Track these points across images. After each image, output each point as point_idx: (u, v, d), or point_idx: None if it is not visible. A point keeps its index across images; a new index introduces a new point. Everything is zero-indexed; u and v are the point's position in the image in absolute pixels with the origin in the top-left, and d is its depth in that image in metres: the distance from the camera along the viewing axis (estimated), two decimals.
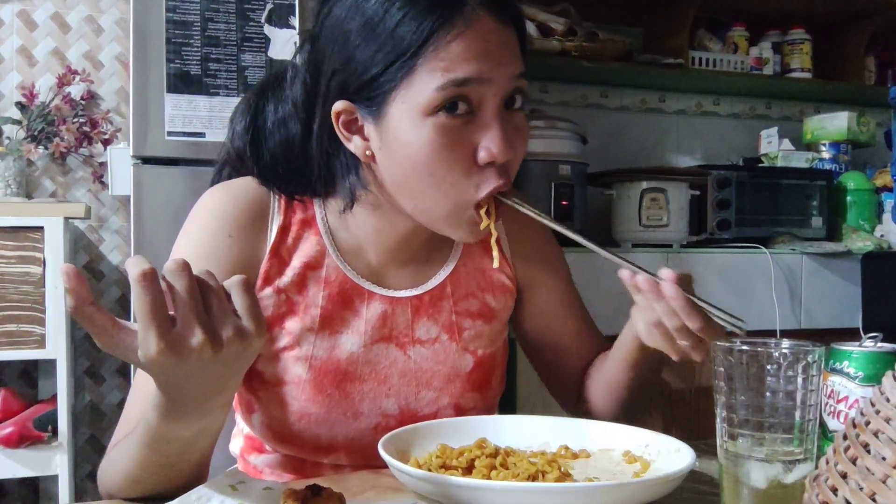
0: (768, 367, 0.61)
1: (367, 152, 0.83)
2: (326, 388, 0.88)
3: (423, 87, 0.76)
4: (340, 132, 0.83)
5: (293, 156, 0.90)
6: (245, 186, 0.91)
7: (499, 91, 0.78)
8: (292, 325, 0.89)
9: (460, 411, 0.94)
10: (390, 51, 0.77)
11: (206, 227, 0.88)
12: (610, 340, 0.96)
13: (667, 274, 0.76)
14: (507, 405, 2.00)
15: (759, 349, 0.62)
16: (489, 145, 0.78)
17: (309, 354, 0.88)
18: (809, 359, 0.61)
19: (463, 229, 0.84)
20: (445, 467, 0.74)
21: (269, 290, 0.88)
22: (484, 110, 0.79)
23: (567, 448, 0.82)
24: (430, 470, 0.71)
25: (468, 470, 0.74)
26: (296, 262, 0.89)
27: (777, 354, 0.61)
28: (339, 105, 0.82)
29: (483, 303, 0.97)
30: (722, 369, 0.63)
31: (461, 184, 0.79)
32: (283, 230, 0.90)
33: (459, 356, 0.94)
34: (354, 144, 0.84)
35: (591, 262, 2.12)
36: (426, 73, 0.76)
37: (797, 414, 0.61)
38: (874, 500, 0.44)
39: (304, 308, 0.89)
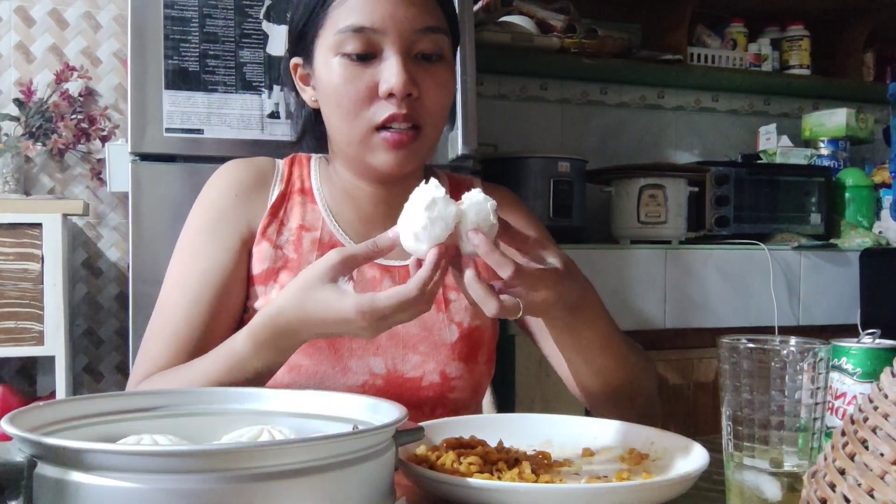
0: (775, 364, 0.60)
1: (313, 99, 0.99)
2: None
3: (330, 31, 0.92)
4: (298, 85, 1.01)
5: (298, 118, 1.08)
6: (252, 159, 1.05)
7: (397, 40, 0.90)
8: (286, 279, 0.96)
9: (446, 379, 0.99)
10: (307, 3, 0.95)
11: (216, 188, 1.02)
12: None
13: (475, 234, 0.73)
14: (507, 404, 1.99)
15: (765, 346, 0.61)
16: (388, 78, 0.90)
17: None
18: (817, 357, 0.60)
19: (377, 155, 0.93)
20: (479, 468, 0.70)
21: (266, 245, 0.98)
22: (385, 56, 0.91)
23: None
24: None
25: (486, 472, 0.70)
26: (293, 224, 1.00)
27: (784, 352, 0.60)
28: (294, 60, 1.00)
29: None
30: (727, 367, 0.62)
31: (365, 112, 0.92)
32: (283, 196, 1.02)
33: (445, 326, 0.99)
34: (307, 94, 1.00)
35: (589, 258, 2.13)
36: (332, 20, 0.92)
37: (803, 412, 0.60)
38: (872, 496, 0.44)
39: (299, 265, 0.97)
